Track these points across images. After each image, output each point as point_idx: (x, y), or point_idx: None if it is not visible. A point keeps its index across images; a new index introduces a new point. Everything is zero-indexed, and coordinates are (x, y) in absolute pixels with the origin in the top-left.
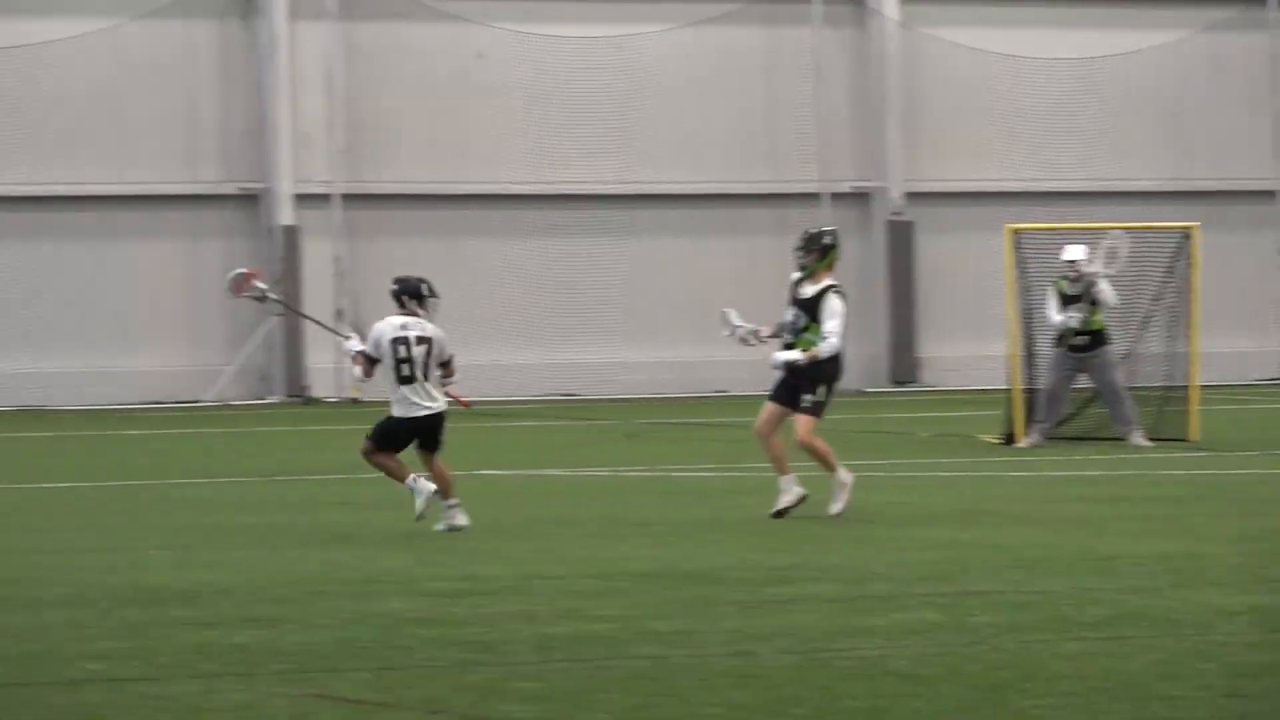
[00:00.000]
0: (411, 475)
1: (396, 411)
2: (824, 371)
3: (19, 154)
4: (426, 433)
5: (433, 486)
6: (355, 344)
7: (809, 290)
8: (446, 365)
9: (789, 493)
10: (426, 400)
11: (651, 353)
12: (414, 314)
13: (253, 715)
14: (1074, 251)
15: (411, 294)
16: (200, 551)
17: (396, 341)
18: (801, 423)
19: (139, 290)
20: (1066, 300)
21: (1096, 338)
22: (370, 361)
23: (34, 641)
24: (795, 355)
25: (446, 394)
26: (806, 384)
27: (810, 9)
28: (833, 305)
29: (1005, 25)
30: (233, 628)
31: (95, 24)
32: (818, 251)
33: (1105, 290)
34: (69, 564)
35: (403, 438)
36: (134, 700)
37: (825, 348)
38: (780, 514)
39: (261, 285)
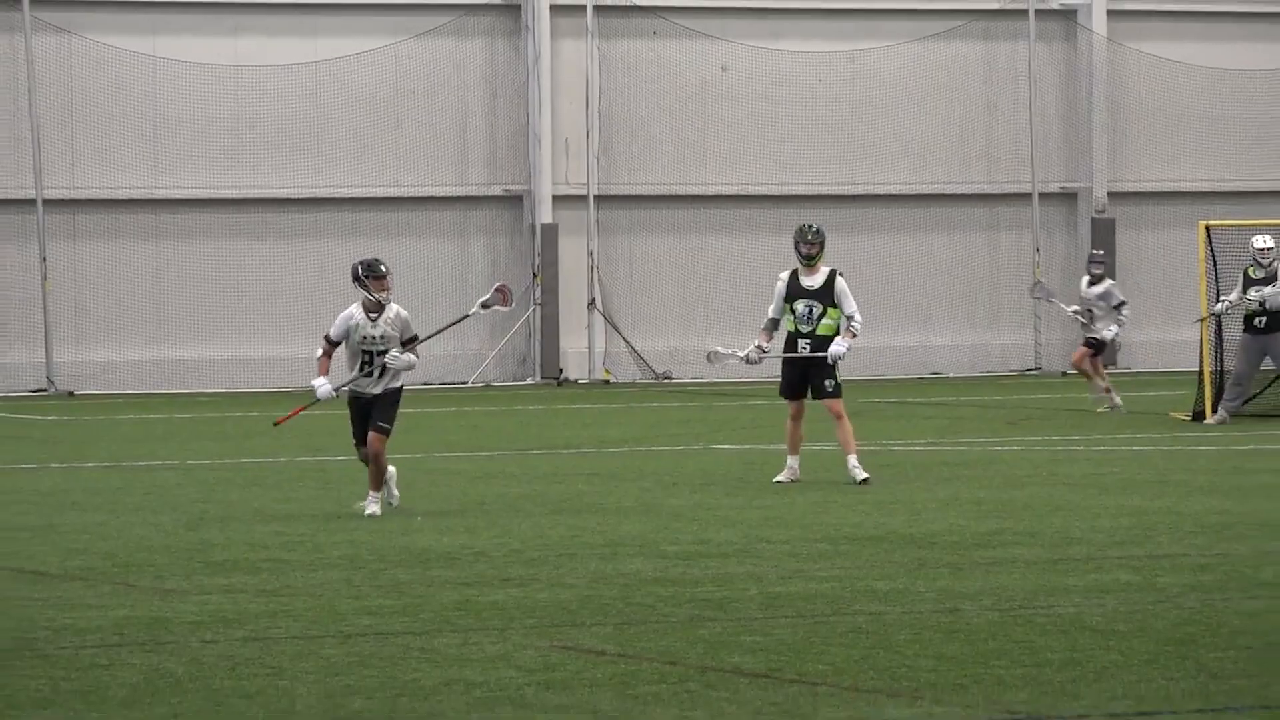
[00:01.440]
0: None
1: None
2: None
3: (301, 160)
4: None
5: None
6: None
7: (814, 280)
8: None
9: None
10: None
11: (874, 339)
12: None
13: (506, 665)
14: (1262, 240)
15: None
16: (461, 518)
17: None
18: (836, 405)
19: (414, 283)
20: (1252, 283)
21: (1275, 320)
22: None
23: (314, 598)
24: (846, 345)
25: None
26: (827, 371)
27: (1025, 26)
28: (846, 287)
29: (1204, 40)
30: (489, 587)
31: (378, 42)
32: (820, 244)
33: None
34: (345, 528)
35: None
36: (400, 651)
37: (858, 325)
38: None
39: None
